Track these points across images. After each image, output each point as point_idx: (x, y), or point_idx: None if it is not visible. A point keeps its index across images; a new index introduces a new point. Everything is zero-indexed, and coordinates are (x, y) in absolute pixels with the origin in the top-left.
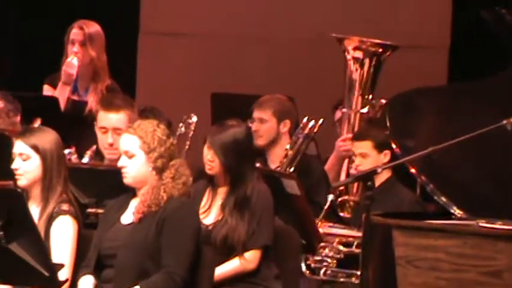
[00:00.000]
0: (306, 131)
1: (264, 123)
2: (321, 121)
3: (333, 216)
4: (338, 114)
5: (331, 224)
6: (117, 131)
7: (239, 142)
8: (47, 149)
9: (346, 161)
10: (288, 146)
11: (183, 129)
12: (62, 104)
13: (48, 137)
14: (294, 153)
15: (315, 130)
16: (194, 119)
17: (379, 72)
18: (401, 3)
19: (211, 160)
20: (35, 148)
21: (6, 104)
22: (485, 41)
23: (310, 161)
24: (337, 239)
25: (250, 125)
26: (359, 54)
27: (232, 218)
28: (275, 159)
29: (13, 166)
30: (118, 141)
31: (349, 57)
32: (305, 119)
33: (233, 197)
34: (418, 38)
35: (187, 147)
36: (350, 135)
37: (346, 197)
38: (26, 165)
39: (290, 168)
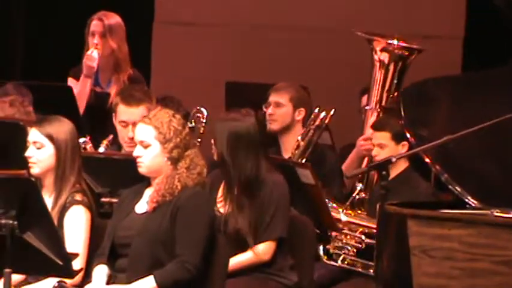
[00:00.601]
0: (317, 122)
1: (280, 108)
2: (332, 111)
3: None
4: (364, 99)
5: (355, 213)
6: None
7: (236, 135)
8: (62, 139)
9: (366, 159)
10: (299, 137)
11: (192, 123)
12: (85, 96)
13: (63, 127)
14: (305, 144)
15: (327, 121)
16: (204, 112)
17: (405, 74)
18: None
19: (213, 145)
20: (50, 137)
21: (18, 94)
22: (499, 30)
23: (324, 150)
24: (360, 229)
25: (265, 109)
26: (385, 55)
27: (235, 207)
28: (288, 148)
29: (26, 154)
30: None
31: (376, 57)
32: (316, 110)
33: (229, 189)
34: (432, 28)
35: (197, 143)
36: (372, 135)
37: (362, 194)
38: (40, 154)
39: (302, 159)
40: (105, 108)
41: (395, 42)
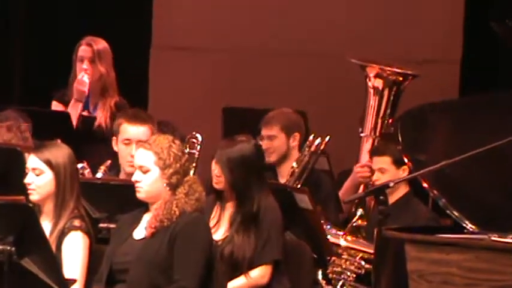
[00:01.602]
0: (312, 148)
1: (273, 140)
2: (327, 138)
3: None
4: None
5: (355, 239)
6: (140, 143)
7: (246, 158)
8: (61, 165)
9: (362, 186)
10: (294, 164)
11: (187, 149)
12: (75, 121)
13: (61, 153)
14: (300, 171)
15: (322, 147)
16: (199, 137)
17: (399, 100)
18: (413, 18)
19: (218, 175)
20: (49, 163)
21: (17, 119)
22: (496, 54)
23: (320, 176)
24: (360, 254)
25: (260, 142)
26: (379, 82)
27: (239, 235)
28: (285, 173)
29: (26, 181)
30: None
31: (370, 84)
32: (311, 137)
33: (240, 213)
34: (429, 52)
35: (193, 168)
36: (369, 163)
37: (360, 222)
38: (39, 180)
39: (297, 185)
40: (91, 132)
41: (388, 68)
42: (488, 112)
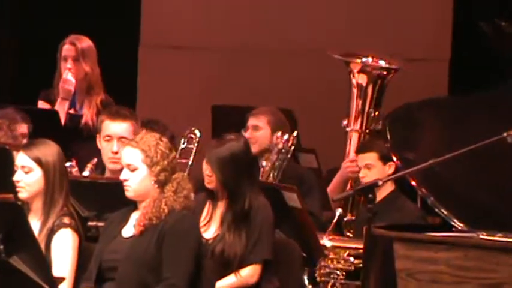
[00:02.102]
0: (280, 145)
1: (258, 131)
2: (295, 133)
3: (338, 231)
4: None
5: (339, 237)
6: (121, 139)
7: (235, 156)
8: (50, 163)
9: (349, 182)
10: (264, 163)
11: (185, 144)
12: (62, 119)
13: (51, 151)
14: (269, 169)
15: (290, 144)
16: (198, 133)
17: (383, 94)
18: (402, 16)
19: (209, 175)
20: (38, 161)
21: (12, 119)
22: (485, 53)
23: (303, 172)
24: (347, 251)
25: (244, 133)
26: (363, 77)
27: (230, 234)
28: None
29: (15, 178)
30: (122, 151)
31: (353, 80)
32: (279, 133)
33: (231, 212)
34: (418, 51)
35: (190, 162)
36: (356, 157)
37: (348, 217)
38: (28, 178)
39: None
40: (77, 130)
41: (369, 60)
42: (477, 110)
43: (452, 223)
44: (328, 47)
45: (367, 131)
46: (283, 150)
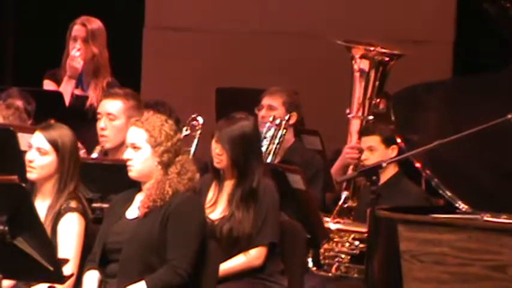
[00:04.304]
0: (271, 131)
1: (272, 111)
2: (287, 117)
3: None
4: None
5: (344, 221)
6: (109, 116)
7: (247, 136)
8: (66, 148)
9: (351, 167)
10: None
11: (188, 131)
12: (67, 98)
13: (67, 135)
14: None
15: (282, 127)
16: (200, 120)
17: (386, 80)
18: None
19: (219, 154)
20: (55, 144)
21: (23, 100)
22: (489, 35)
23: (312, 155)
24: (352, 235)
25: (257, 111)
26: (365, 63)
27: (239, 211)
28: (279, 152)
29: (28, 157)
30: (110, 128)
31: (355, 65)
32: (270, 118)
33: (240, 189)
34: (422, 33)
35: (193, 150)
36: (357, 144)
37: (349, 203)
38: (42, 160)
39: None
40: (83, 111)
41: (373, 48)
42: (481, 92)
43: (457, 205)
44: (330, 29)
45: (369, 117)
46: (275, 134)
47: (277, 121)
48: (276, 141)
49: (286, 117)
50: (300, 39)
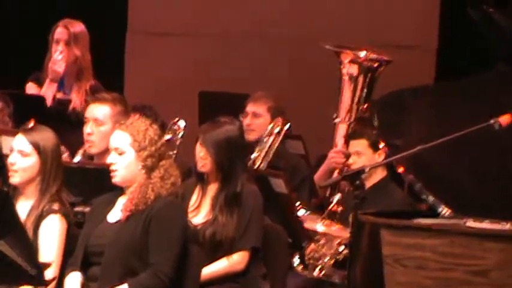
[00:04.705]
0: (271, 138)
1: (257, 118)
2: (287, 126)
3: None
4: None
5: (332, 224)
6: (96, 121)
7: (232, 139)
8: (48, 150)
9: (336, 172)
10: (255, 154)
11: (169, 135)
12: (49, 102)
13: (49, 138)
14: (261, 160)
15: (281, 135)
16: (182, 124)
17: (374, 86)
18: (390, 3)
19: (203, 158)
20: (36, 146)
21: (3, 102)
22: (472, 41)
23: (297, 160)
24: (338, 240)
25: (242, 119)
26: (354, 68)
27: (222, 215)
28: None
29: (9, 160)
30: (97, 133)
31: (344, 70)
32: (270, 126)
33: (224, 193)
34: (405, 39)
35: (174, 155)
36: (343, 149)
37: (334, 208)
38: (23, 162)
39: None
40: (65, 114)
41: (362, 54)
42: (465, 97)
43: (440, 210)
44: (314, 33)
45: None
46: (273, 141)
47: (277, 129)
48: (273, 149)
49: (286, 127)
50: (284, 43)
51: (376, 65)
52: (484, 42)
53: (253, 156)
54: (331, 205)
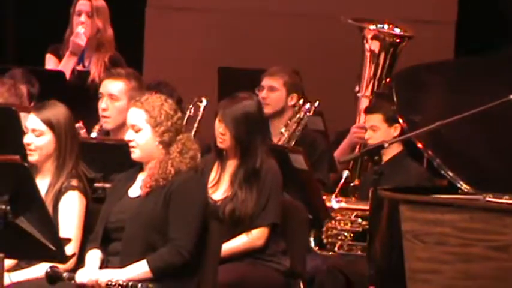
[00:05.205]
0: (302, 114)
1: (273, 92)
2: (316, 103)
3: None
4: None
5: (347, 199)
6: (111, 97)
7: (250, 115)
8: (61, 125)
9: (358, 147)
10: (282, 129)
11: (192, 111)
12: (68, 74)
13: (61, 113)
14: (288, 136)
15: (310, 113)
16: (204, 102)
17: (396, 61)
18: None
19: (223, 133)
20: (49, 124)
21: (27, 82)
22: (491, 16)
23: (315, 136)
24: (355, 213)
25: (257, 92)
26: (376, 44)
27: (242, 191)
28: (278, 132)
29: (25, 141)
30: (112, 109)
31: (366, 45)
32: (301, 101)
33: (243, 169)
34: (425, 13)
35: (194, 129)
36: (365, 124)
37: (355, 182)
38: (39, 141)
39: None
40: (84, 87)
41: (385, 27)
42: (483, 73)
43: (459, 185)
44: (333, 8)
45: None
46: (302, 119)
47: (307, 105)
48: (301, 126)
49: (316, 104)
50: (304, 20)
51: (398, 40)
52: (503, 15)
53: (282, 131)
54: (341, 181)
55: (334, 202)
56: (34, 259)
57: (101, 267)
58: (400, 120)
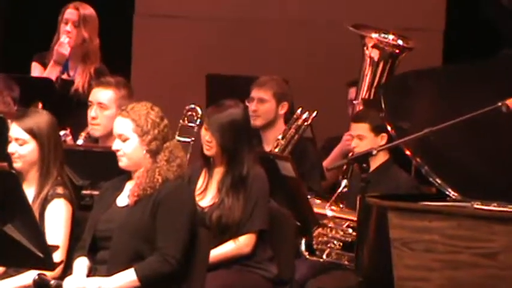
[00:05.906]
0: (299, 122)
1: (263, 104)
2: (314, 113)
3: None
4: (351, 92)
5: (340, 208)
6: (101, 105)
7: (236, 122)
8: (44, 133)
9: (350, 154)
10: (280, 136)
11: (185, 121)
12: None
13: (44, 120)
14: (285, 143)
15: (308, 122)
16: (199, 111)
17: (394, 71)
18: None
19: (209, 141)
20: (31, 132)
21: (6, 87)
22: (479, 24)
23: (306, 145)
24: (347, 223)
25: (247, 104)
26: (376, 52)
27: (228, 198)
28: (270, 141)
29: (9, 150)
30: (101, 117)
31: (367, 53)
32: (299, 110)
33: (230, 177)
34: (413, 21)
35: (192, 142)
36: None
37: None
38: (22, 150)
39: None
40: (68, 96)
41: (390, 37)
42: (472, 80)
43: (447, 192)
44: (324, 16)
45: (354, 101)
46: (300, 127)
47: (305, 115)
48: (298, 136)
49: (314, 114)
50: (293, 27)
51: (397, 51)
52: (491, 24)
53: (279, 138)
54: (339, 190)
55: (328, 210)
56: (22, 266)
57: (88, 275)
58: (389, 127)
